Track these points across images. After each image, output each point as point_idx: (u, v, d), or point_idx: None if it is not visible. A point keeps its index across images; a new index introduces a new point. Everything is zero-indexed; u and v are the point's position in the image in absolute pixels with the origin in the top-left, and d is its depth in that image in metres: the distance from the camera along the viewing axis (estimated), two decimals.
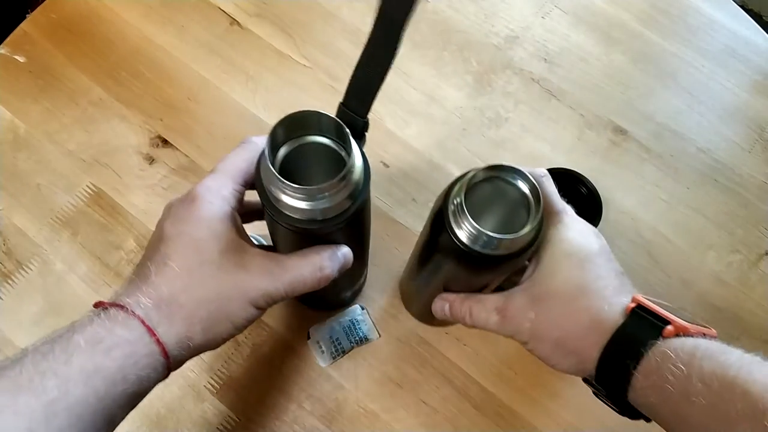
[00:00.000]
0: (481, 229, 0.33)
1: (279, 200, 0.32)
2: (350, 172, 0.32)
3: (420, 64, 0.66)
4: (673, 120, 0.66)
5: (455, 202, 0.34)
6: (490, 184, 0.36)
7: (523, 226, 0.34)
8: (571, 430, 0.54)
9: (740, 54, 0.69)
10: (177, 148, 0.62)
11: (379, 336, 0.55)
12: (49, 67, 0.64)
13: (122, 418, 0.31)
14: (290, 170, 0.35)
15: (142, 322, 0.31)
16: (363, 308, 0.56)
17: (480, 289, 0.41)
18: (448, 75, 0.66)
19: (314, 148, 0.35)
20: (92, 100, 0.63)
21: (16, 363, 0.28)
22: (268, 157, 0.31)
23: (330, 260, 0.36)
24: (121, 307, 0.31)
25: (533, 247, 0.35)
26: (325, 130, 0.34)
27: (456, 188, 0.35)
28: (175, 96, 0.64)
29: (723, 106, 0.67)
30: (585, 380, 0.36)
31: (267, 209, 0.33)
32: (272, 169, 0.31)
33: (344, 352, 0.54)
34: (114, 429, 0.31)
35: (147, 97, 0.64)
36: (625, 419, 0.54)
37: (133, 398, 0.31)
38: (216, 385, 0.53)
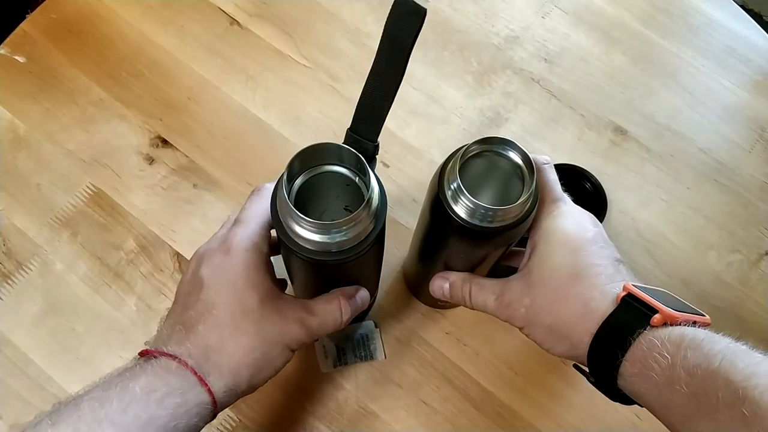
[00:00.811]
0: (477, 201, 0.33)
1: (294, 232, 0.32)
2: (369, 205, 0.31)
3: (420, 64, 0.66)
4: (673, 120, 0.66)
5: (450, 177, 0.35)
6: (484, 158, 0.36)
7: (518, 197, 0.34)
8: (571, 431, 0.54)
9: (740, 54, 0.69)
10: (177, 148, 0.62)
11: (385, 357, 0.55)
12: (49, 67, 0.64)
13: None
14: (305, 199, 0.35)
15: (195, 372, 0.32)
16: (377, 326, 0.56)
17: (480, 264, 0.41)
18: (448, 75, 0.66)
19: (330, 177, 0.35)
20: (92, 100, 0.63)
21: (73, 410, 0.29)
22: (284, 189, 0.31)
23: (350, 306, 0.38)
24: (174, 357, 0.32)
25: (531, 217, 0.35)
26: (343, 161, 0.34)
27: (450, 164, 0.35)
28: (175, 96, 0.64)
29: (723, 106, 0.67)
30: (575, 366, 0.36)
31: (282, 240, 0.33)
32: (289, 203, 0.30)
33: (346, 364, 0.54)
34: None
35: (147, 97, 0.64)
36: (626, 419, 0.54)
37: None
38: None
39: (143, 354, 0.34)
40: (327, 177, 0.35)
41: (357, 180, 0.34)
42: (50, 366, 0.54)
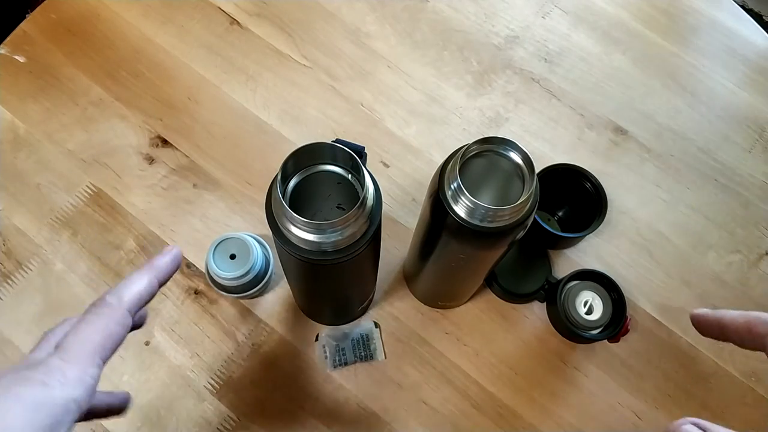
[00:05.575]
0: (477, 201, 0.33)
1: (290, 232, 0.32)
2: (363, 204, 0.31)
3: (420, 64, 0.66)
4: (673, 120, 0.66)
5: (450, 177, 0.35)
6: (484, 158, 0.36)
7: (518, 197, 0.34)
8: (571, 431, 0.54)
9: (740, 54, 0.69)
10: (177, 148, 0.62)
11: (385, 357, 0.55)
12: (49, 67, 0.64)
13: None
14: (299, 199, 0.35)
15: None
16: (377, 326, 0.56)
17: (480, 264, 0.40)
18: (448, 75, 0.66)
19: (324, 176, 0.35)
20: (92, 100, 0.63)
21: None
22: (278, 190, 0.31)
23: None
24: None
25: (531, 217, 0.35)
26: (337, 161, 0.34)
27: (450, 164, 0.35)
28: (175, 96, 0.64)
29: (723, 106, 0.67)
30: None
31: (278, 241, 0.33)
32: (284, 204, 0.30)
33: (346, 364, 0.54)
34: None
35: (147, 97, 0.64)
36: (626, 419, 0.54)
37: None
38: (216, 385, 0.53)
39: None
40: (321, 176, 0.35)
41: (350, 177, 0.34)
42: None
